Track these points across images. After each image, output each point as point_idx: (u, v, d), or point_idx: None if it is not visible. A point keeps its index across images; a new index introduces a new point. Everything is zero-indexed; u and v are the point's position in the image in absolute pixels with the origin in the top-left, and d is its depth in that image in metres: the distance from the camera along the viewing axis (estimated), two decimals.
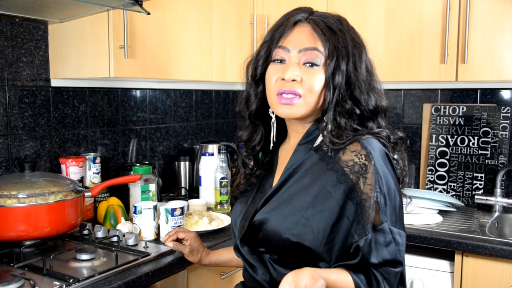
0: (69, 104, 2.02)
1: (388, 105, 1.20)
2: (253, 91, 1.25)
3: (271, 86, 1.18)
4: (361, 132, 1.13)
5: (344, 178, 1.08)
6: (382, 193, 1.06)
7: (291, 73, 1.13)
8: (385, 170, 1.09)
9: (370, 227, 1.05)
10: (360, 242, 1.05)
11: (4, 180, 1.60)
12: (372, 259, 1.04)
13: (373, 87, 1.17)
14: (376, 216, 1.06)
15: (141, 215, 1.71)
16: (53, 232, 1.58)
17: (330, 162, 1.12)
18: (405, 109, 2.59)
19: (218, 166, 2.22)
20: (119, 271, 1.41)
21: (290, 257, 1.14)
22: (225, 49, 2.30)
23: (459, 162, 2.40)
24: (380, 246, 1.05)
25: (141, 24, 1.82)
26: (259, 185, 1.30)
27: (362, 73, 1.15)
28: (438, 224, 2.03)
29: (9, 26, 1.79)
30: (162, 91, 2.48)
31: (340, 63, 1.13)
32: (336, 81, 1.13)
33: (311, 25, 1.16)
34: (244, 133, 1.32)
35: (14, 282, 1.26)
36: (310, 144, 1.20)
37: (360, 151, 1.09)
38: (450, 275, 1.89)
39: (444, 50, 2.09)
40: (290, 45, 1.15)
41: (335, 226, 1.08)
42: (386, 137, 1.15)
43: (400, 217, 1.12)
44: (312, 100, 1.15)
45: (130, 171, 2.08)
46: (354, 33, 1.18)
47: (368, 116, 1.16)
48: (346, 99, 1.13)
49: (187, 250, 1.47)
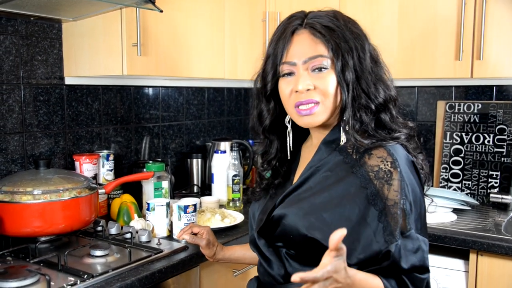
0: (82, 102, 2.04)
1: (396, 92, 1.19)
2: (265, 107, 1.26)
3: (287, 100, 1.18)
4: (382, 137, 1.13)
5: (368, 183, 1.08)
6: (408, 200, 1.06)
7: (304, 84, 1.13)
8: (411, 177, 1.09)
9: (399, 233, 1.04)
10: (391, 248, 1.04)
11: (20, 177, 1.61)
12: (402, 265, 1.04)
13: (380, 77, 1.16)
14: (403, 222, 1.05)
15: (154, 212, 1.72)
16: (68, 229, 1.60)
17: (355, 166, 1.11)
18: (419, 107, 2.57)
19: (230, 164, 2.22)
20: (133, 268, 1.42)
21: (307, 253, 1.14)
22: (237, 46, 2.30)
23: (474, 160, 2.37)
24: (409, 252, 1.04)
25: (153, 22, 1.83)
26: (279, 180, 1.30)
27: (367, 64, 1.14)
28: (453, 223, 2.01)
29: (24, 25, 1.81)
30: (174, 88, 2.48)
31: (346, 59, 1.12)
32: (347, 78, 1.12)
33: (309, 30, 1.15)
34: (260, 147, 1.33)
35: (30, 277, 1.28)
36: (334, 144, 1.19)
37: (386, 157, 1.08)
38: (465, 274, 1.87)
39: (459, 46, 2.07)
40: (294, 57, 1.15)
41: (355, 229, 1.07)
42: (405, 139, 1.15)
43: (424, 224, 1.12)
44: (330, 104, 1.15)
45: (143, 168, 2.09)
46: (352, 24, 1.17)
47: (380, 109, 1.15)
48: (360, 93, 1.13)
49: (204, 243, 1.45)
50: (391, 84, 1.19)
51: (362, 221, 1.07)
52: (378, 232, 1.05)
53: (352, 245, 1.06)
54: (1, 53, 1.74)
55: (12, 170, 1.80)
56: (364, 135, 1.14)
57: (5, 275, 1.28)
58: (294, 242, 1.14)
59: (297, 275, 0.87)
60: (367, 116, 1.14)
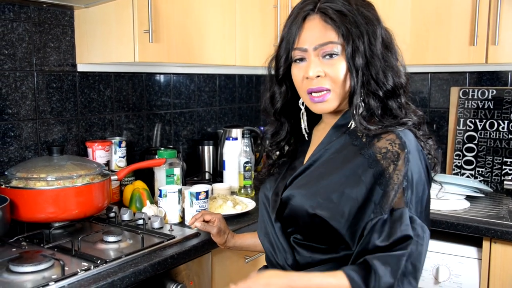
0: (95, 88, 2.05)
1: (407, 79, 1.19)
2: (278, 90, 1.27)
3: (300, 85, 1.20)
4: (390, 123, 1.12)
5: (374, 163, 1.08)
6: (409, 181, 1.06)
7: (314, 70, 1.14)
8: (418, 162, 1.09)
9: (388, 209, 1.04)
10: (373, 220, 1.04)
11: (34, 163, 1.63)
12: (378, 241, 1.02)
13: (390, 63, 1.15)
14: (398, 201, 1.05)
15: (166, 198, 1.73)
16: (81, 215, 1.61)
17: (364, 148, 1.11)
18: (432, 93, 2.54)
19: (242, 151, 2.22)
20: (145, 253, 1.43)
21: (314, 237, 1.15)
22: (249, 33, 2.28)
23: (487, 147, 2.35)
24: (395, 227, 1.03)
25: (165, 9, 1.82)
26: (289, 163, 1.32)
27: (377, 50, 1.13)
28: (466, 210, 1.99)
29: (37, 12, 1.81)
30: (186, 75, 2.48)
31: (357, 44, 1.12)
32: (357, 64, 1.12)
33: (320, 16, 1.15)
34: (270, 128, 1.34)
35: (45, 262, 1.30)
36: (344, 128, 1.20)
37: (395, 140, 1.09)
38: (478, 262, 1.86)
39: (474, 31, 2.03)
40: (305, 44, 1.15)
41: (360, 210, 1.07)
42: (413, 125, 1.15)
43: (427, 212, 1.12)
44: (340, 90, 1.15)
45: (155, 155, 2.09)
46: (365, 8, 1.16)
47: (388, 95, 1.15)
48: (370, 79, 1.13)
49: (215, 230, 1.47)
50: (402, 71, 1.18)
51: (368, 201, 1.07)
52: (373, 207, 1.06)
53: (356, 225, 1.08)
54: (15, 40, 1.75)
55: (26, 156, 1.81)
56: (371, 121, 1.14)
57: (20, 260, 1.30)
58: (303, 224, 1.15)
59: None
60: (375, 102, 1.14)
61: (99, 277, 1.27)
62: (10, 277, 1.25)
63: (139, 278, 1.34)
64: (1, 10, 1.70)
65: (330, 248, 1.13)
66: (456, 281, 1.90)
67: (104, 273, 1.29)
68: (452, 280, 1.90)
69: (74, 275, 1.25)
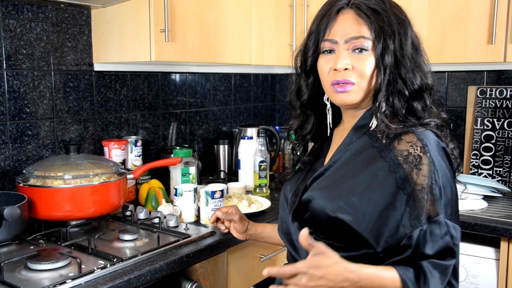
0: (111, 88, 2.06)
1: (433, 82, 1.19)
2: (304, 82, 1.27)
3: (325, 77, 1.19)
4: (412, 123, 1.12)
5: (396, 167, 1.07)
6: (437, 185, 1.05)
7: (342, 62, 1.14)
8: (442, 163, 1.08)
9: (425, 218, 1.03)
10: (415, 233, 1.03)
11: (51, 162, 1.65)
12: (426, 250, 1.02)
13: (419, 64, 1.17)
14: (431, 207, 1.04)
15: (182, 197, 1.74)
16: (97, 213, 1.63)
17: (384, 150, 1.11)
18: (449, 92, 2.51)
19: (257, 150, 2.22)
20: (161, 252, 1.44)
21: (336, 238, 1.14)
22: (264, 32, 2.28)
23: (505, 147, 2.32)
24: (436, 237, 1.03)
25: (181, 8, 1.83)
26: (310, 165, 1.32)
27: (407, 50, 1.14)
28: (483, 210, 1.97)
29: (54, 12, 1.83)
30: (201, 75, 2.49)
31: (387, 42, 1.12)
32: (386, 62, 1.13)
33: (354, 10, 1.15)
34: (295, 122, 1.34)
35: (62, 260, 1.31)
36: (364, 128, 1.19)
37: (416, 142, 1.08)
38: (495, 262, 1.84)
39: (492, 29, 2.00)
40: (337, 36, 1.16)
41: (383, 214, 1.06)
42: (435, 126, 1.15)
43: (456, 211, 1.11)
44: (365, 85, 1.15)
45: (170, 154, 2.10)
46: (398, 9, 1.17)
47: (414, 96, 1.15)
48: (397, 78, 1.13)
49: (236, 217, 1.48)
50: (429, 73, 1.19)
51: (391, 206, 1.06)
52: (405, 216, 1.05)
53: (380, 229, 1.06)
54: (33, 40, 1.77)
55: (43, 155, 1.83)
56: (393, 121, 1.14)
57: (38, 258, 1.32)
58: (324, 226, 1.14)
59: (266, 269, 0.98)
60: (400, 102, 1.14)
61: (115, 275, 1.28)
62: (28, 275, 1.27)
63: (155, 277, 1.35)
64: (20, 10, 1.72)
65: (351, 246, 1.12)
66: (474, 281, 1.88)
67: (120, 271, 1.30)
68: (469, 280, 1.88)
69: (91, 273, 1.27)
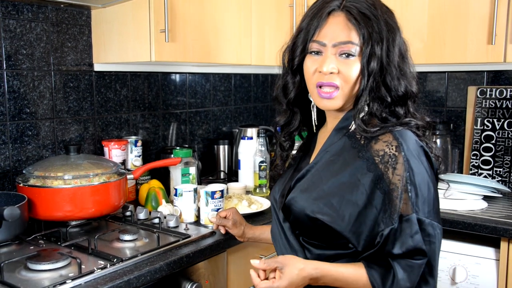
0: (111, 88, 2.06)
1: (418, 90, 1.20)
2: (291, 80, 1.28)
3: (310, 77, 1.20)
4: (391, 124, 1.13)
5: (373, 167, 1.09)
6: (412, 184, 1.06)
7: (329, 66, 1.15)
8: (417, 162, 1.09)
9: (397, 217, 1.05)
10: (385, 231, 1.05)
11: (51, 162, 1.65)
12: (395, 249, 1.04)
13: (404, 72, 1.17)
14: (405, 206, 1.06)
15: (182, 197, 1.74)
16: (97, 213, 1.63)
17: (362, 150, 1.12)
18: (449, 92, 2.51)
19: (257, 150, 2.22)
20: (161, 252, 1.44)
21: (319, 238, 1.16)
22: (264, 32, 2.28)
23: (505, 147, 2.32)
24: (406, 236, 1.04)
25: (181, 9, 1.83)
26: (296, 165, 1.34)
27: (394, 58, 1.15)
28: (483, 210, 1.97)
29: (55, 12, 1.83)
30: (201, 75, 2.49)
31: (375, 49, 1.13)
32: (371, 68, 1.13)
33: (345, 14, 1.15)
34: (282, 118, 1.35)
35: (62, 260, 1.31)
36: (345, 130, 1.21)
37: (392, 142, 1.09)
38: (495, 263, 1.84)
39: (492, 29, 2.01)
40: (326, 38, 1.16)
41: (362, 213, 1.09)
42: (415, 127, 1.15)
43: (435, 209, 1.11)
44: (348, 90, 1.17)
45: (170, 154, 2.10)
46: (388, 16, 1.17)
47: (397, 102, 1.16)
48: (380, 85, 1.14)
49: (230, 223, 1.51)
50: (414, 81, 1.19)
51: (369, 205, 1.08)
52: (381, 215, 1.07)
53: (359, 228, 1.09)
54: (33, 40, 1.77)
55: (43, 155, 1.83)
56: (372, 123, 1.15)
57: (38, 258, 1.32)
58: (305, 226, 1.17)
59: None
60: (380, 107, 1.15)
61: (115, 275, 1.28)
62: (28, 275, 1.27)
63: (155, 277, 1.35)
64: (20, 11, 1.72)
65: (334, 246, 1.15)
66: (473, 282, 1.88)
67: (120, 271, 1.30)
68: (469, 281, 1.88)
69: (91, 273, 1.27)
